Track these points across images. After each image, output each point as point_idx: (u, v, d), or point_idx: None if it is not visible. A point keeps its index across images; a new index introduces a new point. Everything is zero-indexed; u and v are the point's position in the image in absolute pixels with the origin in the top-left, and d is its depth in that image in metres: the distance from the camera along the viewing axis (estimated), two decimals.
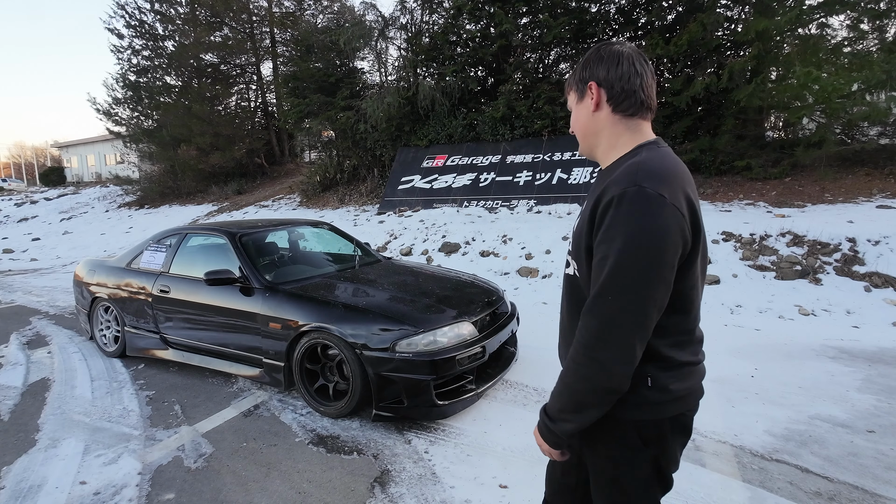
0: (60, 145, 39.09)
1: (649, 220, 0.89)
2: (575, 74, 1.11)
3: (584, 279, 1.04)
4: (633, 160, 0.98)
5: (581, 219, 1.07)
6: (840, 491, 2.09)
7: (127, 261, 4.15)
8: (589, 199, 1.05)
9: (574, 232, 1.10)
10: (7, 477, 2.40)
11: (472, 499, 2.11)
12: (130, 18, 17.35)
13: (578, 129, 1.13)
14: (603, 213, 0.94)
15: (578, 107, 1.10)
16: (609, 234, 0.91)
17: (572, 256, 1.11)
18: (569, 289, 1.14)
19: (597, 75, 1.06)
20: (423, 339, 2.72)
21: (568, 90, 1.14)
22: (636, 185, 0.91)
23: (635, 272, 0.89)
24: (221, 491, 2.24)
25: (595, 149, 1.11)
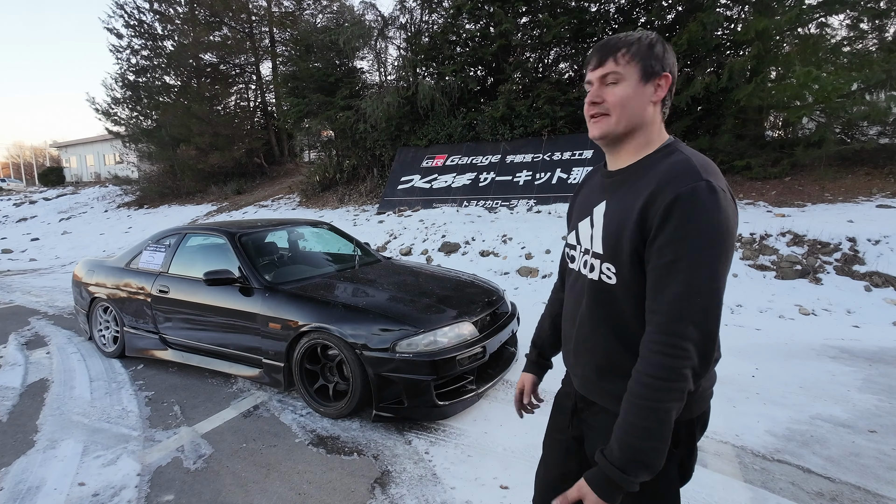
0: (59, 145, 39.04)
1: (722, 214, 0.87)
2: (640, 52, 0.97)
3: (625, 284, 0.98)
4: (680, 157, 0.94)
5: (614, 218, 0.99)
6: (842, 491, 2.09)
7: (126, 261, 4.14)
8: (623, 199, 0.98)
9: (606, 233, 1.01)
10: (5, 478, 2.39)
11: (472, 499, 2.10)
12: (129, 18, 17.33)
13: (626, 112, 0.98)
14: (666, 212, 0.88)
15: (636, 88, 0.97)
16: (683, 233, 0.86)
17: (604, 260, 1.01)
18: (594, 295, 1.04)
19: (671, 66, 0.99)
20: (424, 340, 2.71)
21: (622, 63, 0.97)
22: (703, 181, 0.87)
23: (718, 267, 0.86)
24: (221, 492, 2.23)
25: (630, 139, 1.01)
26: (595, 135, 1.02)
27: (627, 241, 0.94)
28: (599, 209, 1.05)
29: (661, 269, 0.89)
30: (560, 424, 1.25)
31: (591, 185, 1.17)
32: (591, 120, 1.03)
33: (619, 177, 1.04)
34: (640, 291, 0.97)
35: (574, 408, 1.19)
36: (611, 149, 1.05)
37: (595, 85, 1.01)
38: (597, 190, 1.11)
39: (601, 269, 1.02)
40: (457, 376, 2.79)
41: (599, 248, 1.03)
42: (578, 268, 1.12)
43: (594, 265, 1.04)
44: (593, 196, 1.11)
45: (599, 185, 1.11)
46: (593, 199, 1.10)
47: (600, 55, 1.00)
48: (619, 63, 0.97)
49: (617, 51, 0.98)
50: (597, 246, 1.04)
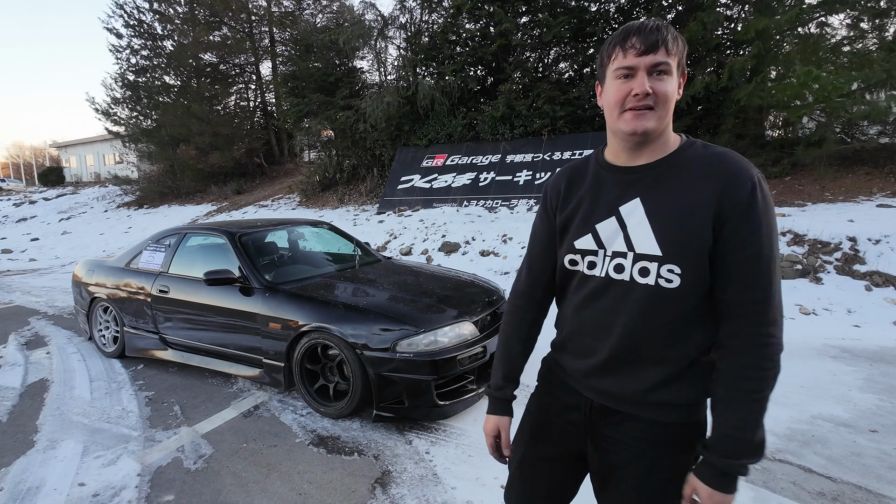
0: (59, 145, 39.03)
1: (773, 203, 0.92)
2: (682, 48, 0.93)
3: (693, 284, 0.92)
4: (718, 149, 0.95)
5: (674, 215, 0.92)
6: (843, 491, 2.08)
7: (126, 261, 4.13)
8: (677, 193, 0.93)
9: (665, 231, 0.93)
10: (5, 479, 2.38)
11: (473, 499, 2.10)
12: (129, 18, 17.34)
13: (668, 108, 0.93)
14: (749, 200, 0.87)
15: (677, 82, 0.94)
16: (764, 220, 0.88)
17: (664, 262, 0.93)
18: (651, 302, 0.95)
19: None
20: (424, 339, 2.71)
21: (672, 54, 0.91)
22: (757, 171, 0.90)
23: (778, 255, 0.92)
24: (221, 492, 2.23)
25: (661, 136, 0.96)
26: (639, 129, 0.92)
27: (699, 236, 0.90)
28: (632, 208, 0.97)
29: (747, 261, 0.88)
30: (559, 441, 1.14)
31: (593, 183, 1.05)
32: (633, 112, 0.92)
33: (647, 173, 0.97)
34: (705, 289, 0.93)
35: (588, 420, 1.07)
36: (640, 145, 0.97)
37: (642, 73, 0.90)
38: (612, 187, 1.01)
39: (659, 273, 0.93)
40: (457, 376, 2.79)
41: (653, 250, 0.93)
42: (606, 273, 1.00)
43: (647, 269, 0.94)
44: (609, 194, 1.01)
45: (614, 181, 1.01)
46: (612, 197, 1.00)
47: (651, 41, 0.89)
48: (671, 53, 0.90)
49: (668, 40, 0.89)
50: (645, 247, 0.94)
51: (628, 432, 1.02)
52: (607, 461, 1.06)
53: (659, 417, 0.99)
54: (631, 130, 0.93)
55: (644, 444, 1.01)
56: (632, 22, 0.94)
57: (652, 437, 1.00)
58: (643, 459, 1.01)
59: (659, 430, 1.00)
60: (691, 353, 0.97)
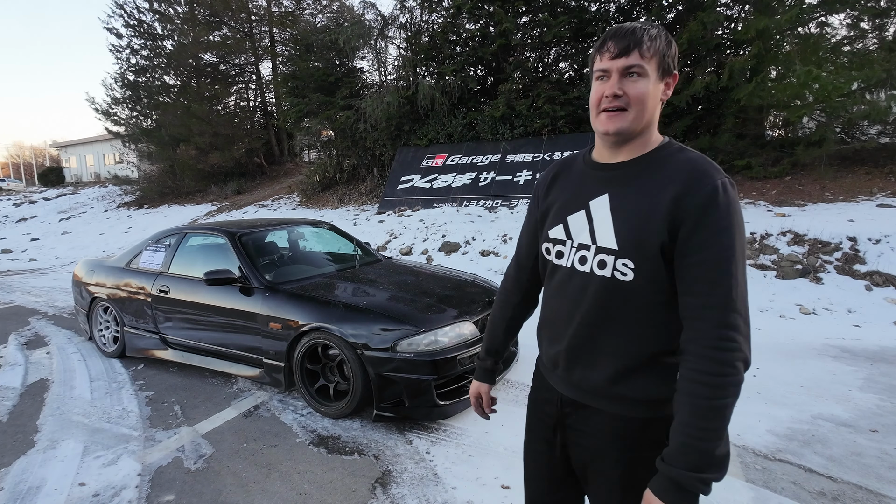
0: (59, 145, 39.02)
1: (740, 209, 0.91)
2: (661, 48, 0.94)
3: (647, 279, 0.94)
4: (693, 154, 0.96)
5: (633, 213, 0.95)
6: (844, 491, 2.08)
7: (126, 261, 4.13)
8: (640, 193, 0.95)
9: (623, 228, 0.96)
10: (5, 478, 2.38)
11: (474, 499, 2.10)
12: (129, 18, 17.32)
13: (644, 110, 0.96)
14: (705, 206, 0.88)
15: (654, 85, 0.95)
16: (723, 226, 0.88)
17: (619, 256, 0.96)
18: (607, 294, 0.99)
19: (677, 66, 0.99)
20: (425, 339, 2.71)
21: (647, 56, 0.93)
22: (726, 177, 0.90)
23: (744, 260, 0.90)
24: (222, 492, 2.23)
25: (639, 136, 0.99)
26: (610, 129, 0.96)
27: (654, 235, 0.92)
28: (600, 203, 1.01)
29: (703, 265, 0.88)
30: (543, 435, 1.19)
31: (574, 177, 1.10)
32: (607, 113, 0.96)
33: (621, 170, 1.00)
34: (658, 287, 0.94)
35: (559, 414, 1.12)
36: (617, 144, 1.00)
37: (615, 76, 0.94)
38: (588, 182, 1.05)
39: (615, 266, 0.97)
40: (458, 376, 2.79)
41: (612, 244, 0.97)
42: (571, 263, 1.05)
43: (605, 261, 0.98)
44: (584, 189, 1.05)
45: (592, 177, 1.05)
46: (586, 191, 1.05)
47: (624, 44, 0.93)
48: (644, 56, 0.93)
49: (642, 43, 0.93)
50: (605, 241, 0.98)
51: (595, 426, 1.05)
52: (580, 456, 1.09)
53: (622, 412, 1.01)
54: (603, 130, 0.98)
55: (609, 437, 1.03)
56: (616, 26, 0.98)
57: (615, 431, 1.02)
58: (609, 453, 1.04)
59: (622, 424, 1.02)
60: (650, 349, 0.98)
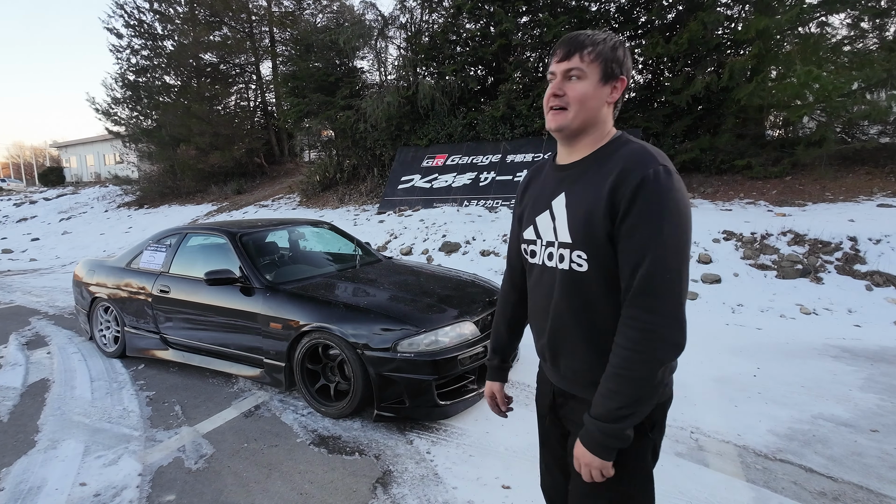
0: (59, 145, 39.02)
1: (680, 195, 0.94)
2: (603, 53, 1.01)
3: (598, 268, 1.00)
4: (636, 145, 1.01)
5: (581, 207, 1.02)
6: (844, 491, 2.08)
7: (127, 261, 4.13)
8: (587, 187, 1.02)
9: (574, 222, 1.03)
10: (6, 478, 2.39)
11: (474, 499, 2.10)
12: (129, 18, 17.30)
13: (583, 109, 1.02)
14: (634, 194, 0.93)
15: (596, 87, 1.02)
16: (650, 213, 0.92)
17: (573, 248, 1.03)
18: (568, 285, 1.05)
19: (627, 71, 1.04)
20: (425, 339, 2.71)
21: (586, 61, 1.01)
22: (662, 165, 0.94)
23: (683, 243, 0.93)
24: (223, 492, 2.23)
25: (584, 135, 1.06)
26: (552, 126, 1.06)
27: (599, 225, 0.98)
28: (559, 201, 1.08)
29: (631, 249, 0.94)
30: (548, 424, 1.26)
31: (542, 180, 1.18)
32: (550, 112, 1.06)
33: (575, 169, 1.08)
34: (611, 276, 1.00)
35: (552, 404, 1.20)
36: (566, 142, 1.09)
37: (558, 77, 1.04)
38: (550, 184, 1.13)
39: (571, 258, 1.04)
40: (458, 376, 2.79)
41: (567, 238, 1.05)
42: (542, 261, 1.13)
43: (563, 255, 1.06)
44: (547, 190, 1.13)
45: (553, 178, 1.13)
46: (548, 192, 1.12)
47: (567, 49, 1.02)
48: (584, 60, 1.01)
49: (583, 48, 1.01)
50: (563, 236, 1.06)
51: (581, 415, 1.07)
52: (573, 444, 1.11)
53: None
54: (548, 126, 1.07)
55: None
56: (568, 33, 1.06)
57: None
58: None
59: None
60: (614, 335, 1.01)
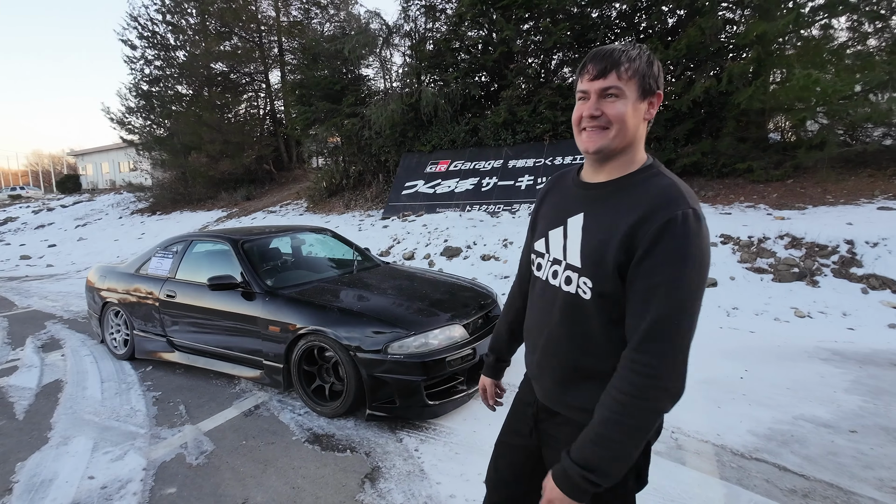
0: (76, 153, 39.98)
1: (705, 242, 0.91)
2: (641, 68, 0.97)
3: (601, 299, 0.98)
4: (667, 181, 0.97)
5: (598, 234, 0.99)
6: (815, 489, 2.15)
7: (136, 267, 4.32)
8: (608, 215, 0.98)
9: (587, 248, 1.00)
10: (21, 472, 2.55)
11: (456, 494, 2.20)
12: (143, 30, 17.83)
13: (623, 129, 0.98)
14: (658, 234, 0.89)
15: (635, 105, 0.97)
16: (672, 257, 0.88)
17: (581, 274, 1.00)
18: (568, 309, 1.04)
19: (662, 86, 1.00)
20: (415, 342, 2.82)
21: (624, 78, 0.96)
22: (691, 208, 0.90)
23: (699, 293, 0.89)
24: (220, 486, 2.36)
25: (621, 155, 1.01)
26: (590, 148, 1.00)
27: (611, 257, 0.94)
28: (576, 221, 1.05)
29: (647, 290, 0.90)
30: (519, 429, 1.26)
31: (563, 192, 1.15)
32: (586, 132, 1.00)
33: (598, 191, 1.04)
34: (613, 308, 0.98)
35: (535, 417, 1.20)
36: (600, 163, 1.04)
37: (593, 97, 0.98)
38: (571, 200, 1.10)
39: (578, 283, 1.01)
40: (448, 377, 2.90)
41: (577, 262, 1.02)
42: (546, 277, 1.11)
43: (571, 278, 1.03)
44: (567, 205, 1.10)
45: (574, 195, 1.09)
46: (567, 208, 1.09)
47: (602, 66, 0.97)
48: (622, 78, 0.96)
49: (619, 65, 0.96)
50: (573, 258, 1.03)
51: (566, 434, 1.09)
52: (551, 459, 1.15)
53: (584, 421, 1.03)
54: (584, 149, 1.03)
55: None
56: (597, 48, 1.02)
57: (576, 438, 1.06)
58: None
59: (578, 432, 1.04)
60: (608, 364, 0.99)
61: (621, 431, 0.91)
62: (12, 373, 4.06)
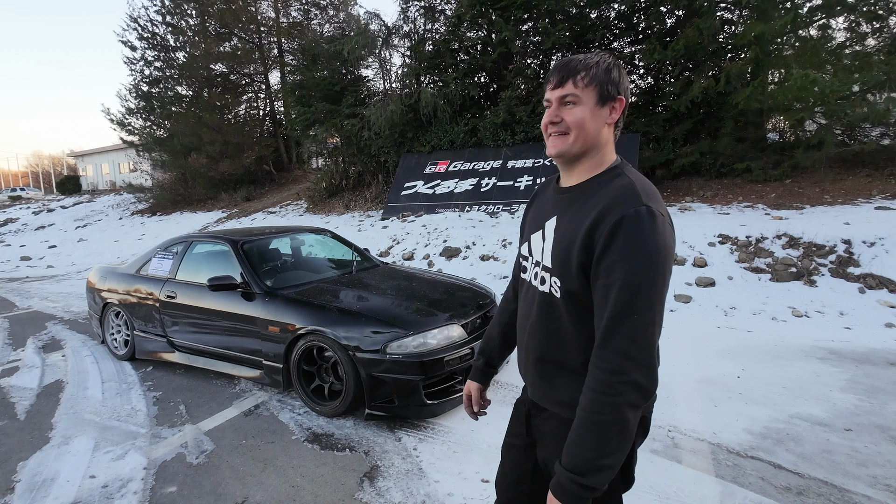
0: (76, 154, 40.02)
1: (661, 237, 0.92)
2: (597, 76, 1.01)
3: (569, 297, 1.02)
4: (626, 180, 1.00)
5: (564, 235, 1.04)
6: (810, 486, 2.17)
7: (136, 268, 4.34)
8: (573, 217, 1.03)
9: (556, 249, 1.05)
10: (23, 471, 2.57)
11: (454, 492, 2.23)
12: (143, 31, 17.86)
13: (583, 133, 1.02)
14: (611, 233, 0.92)
15: (593, 110, 1.02)
16: (626, 253, 0.91)
17: (552, 274, 1.05)
18: (543, 307, 1.09)
19: (625, 90, 1.04)
20: (413, 342, 2.84)
21: (580, 86, 1.01)
22: (645, 206, 0.93)
23: (657, 286, 0.91)
24: (220, 484, 2.38)
25: (585, 158, 1.06)
26: (552, 152, 1.06)
27: (575, 257, 0.99)
28: (551, 224, 1.10)
29: (605, 288, 0.94)
30: (516, 430, 1.29)
31: (544, 198, 1.20)
32: (549, 138, 1.07)
33: (569, 194, 1.09)
34: (581, 306, 1.01)
35: (528, 414, 1.23)
36: (566, 166, 1.09)
37: (554, 104, 1.05)
38: (549, 204, 1.15)
39: (550, 283, 1.06)
40: (446, 376, 2.92)
41: (549, 262, 1.07)
42: (530, 279, 1.16)
43: (545, 278, 1.08)
44: (545, 210, 1.15)
45: (552, 199, 1.15)
46: (546, 213, 1.14)
47: (560, 76, 1.03)
48: (578, 86, 1.01)
49: (576, 73, 1.01)
50: (547, 259, 1.08)
51: (552, 429, 1.13)
52: (542, 454, 1.19)
53: (569, 416, 1.05)
54: (548, 153, 1.09)
55: (561, 441, 1.08)
56: (561, 59, 1.08)
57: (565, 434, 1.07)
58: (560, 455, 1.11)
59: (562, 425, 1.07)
60: (581, 358, 1.03)
61: (597, 429, 0.92)
62: (13, 373, 4.08)
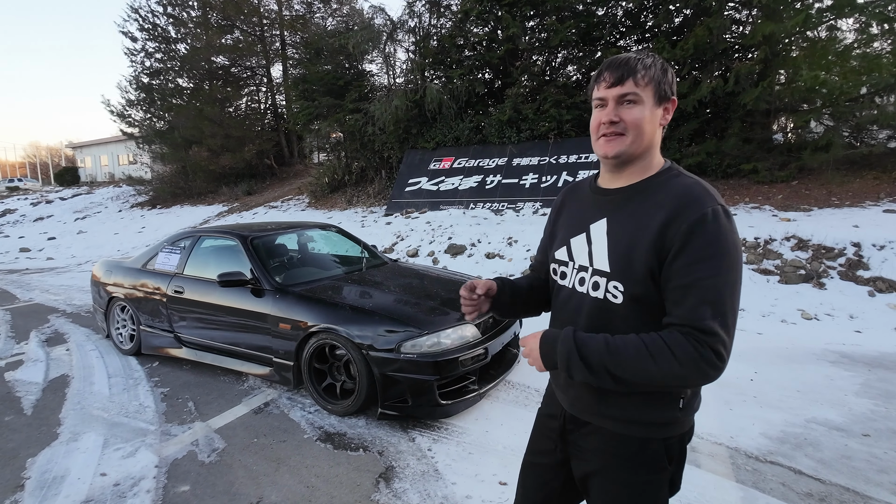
0: (74, 146, 39.79)
1: (736, 237, 0.93)
2: (656, 75, 1.00)
3: (633, 302, 0.99)
4: (690, 180, 0.99)
5: (623, 237, 1.00)
6: (831, 492, 2.15)
7: (143, 262, 4.29)
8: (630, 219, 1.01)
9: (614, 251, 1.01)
10: (32, 468, 2.53)
11: (472, 495, 2.20)
12: (144, 22, 17.68)
13: (641, 134, 1.00)
14: (689, 232, 0.91)
15: (652, 110, 1.00)
16: (710, 253, 0.90)
17: (611, 278, 1.01)
18: (597, 314, 1.05)
19: (675, 92, 1.03)
20: (428, 341, 2.81)
21: (641, 84, 0.98)
22: (720, 205, 0.93)
23: (737, 285, 0.92)
24: (234, 484, 2.35)
25: (640, 158, 1.03)
26: (608, 153, 1.02)
27: (642, 259, 0.95)
28: (599, 227, 1.06)
29: (685, 287, 0.91)
30: (543, 447, 1.24)
31: (580, 200, 1.17)
32: (605, 138, 1.02)
33: (619, 195, 1.05)
34: (646, 310, 0.98)
35: (562, 429, 1.17)
36: (617, 168, 1.05)
37: (611, 104, 1.00)
38: (590, 206, 1.11)
39: (607, 288, 1.02)
40: (459, 376, 2.89)
41: (605, 266, 1.02)
42: (572, 284, 1.11)
43: (598, 283, 1.03)
44: (587, 212, 1.11)
45: (593, 201, 1.11)
46: (587, 215, 1.10)
47: (619, 74, 0.99)
48: (639, 84, 0.98)
49: (636, 72, 0.98)
50: (600, 264, 1.03)
51: (595, 443, 1.09)
52: (581, 470, 1.14)
53: (618, 430, 1.05)
54: (602, 154, 1.04)
55: (608, 455, 1.07)
56: (613, 56, 1.04)
57: (614, 449, 1.06)
58: (607, 470, 1.08)
59: (619, 442, 1.06)
60: None
61: (638, 360, 0.92)
62: (18, 367, 4.04)
